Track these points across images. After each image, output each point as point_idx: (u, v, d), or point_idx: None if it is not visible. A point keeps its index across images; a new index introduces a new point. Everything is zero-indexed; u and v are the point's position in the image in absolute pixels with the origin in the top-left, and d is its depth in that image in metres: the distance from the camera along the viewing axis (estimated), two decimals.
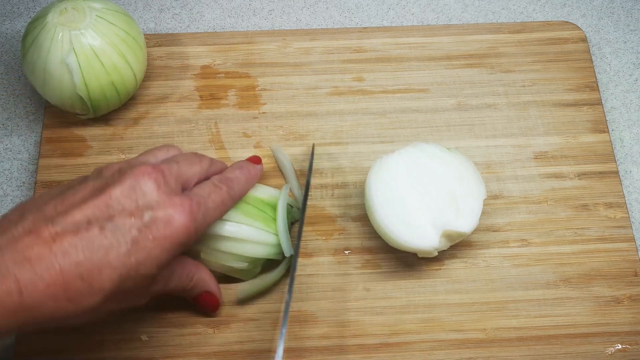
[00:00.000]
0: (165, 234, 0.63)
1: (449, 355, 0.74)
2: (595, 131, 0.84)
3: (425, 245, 0.72)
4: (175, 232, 0.63)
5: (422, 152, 0.76)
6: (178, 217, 0.63)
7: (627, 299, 0.76)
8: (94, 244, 0.60)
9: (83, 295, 0.59)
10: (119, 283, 0.61)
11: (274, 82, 0.87)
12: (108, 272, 0.60)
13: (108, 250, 0.60)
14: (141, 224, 0.62)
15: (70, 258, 0.59)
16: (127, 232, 0.61)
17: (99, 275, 0.60)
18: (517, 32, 0.90)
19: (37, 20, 0.79)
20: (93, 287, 0.60)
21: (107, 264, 0.60)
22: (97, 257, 0.60)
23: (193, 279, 0.71)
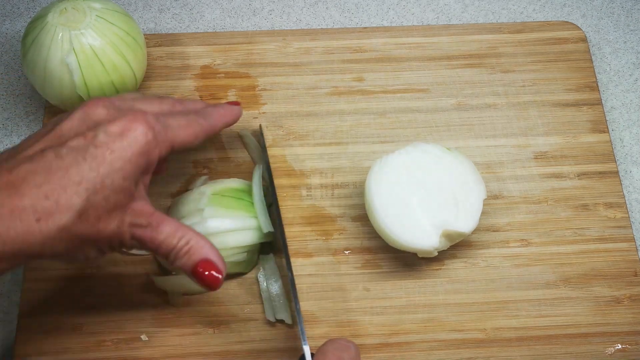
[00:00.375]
0: (123, 145, 0.63)
1: (449, 355, 0.74)
2: (595, 131, 0.84)
3: (425, 245, 0.73)
4: (133, 141, 0.64)
5: (422, 152, 0.76)
6: (133, 126, 0.64)
7: (627, 299, 0.76)
8: (51, 166, 0.61)
9: (51, 214, 0.60)
10: (86, 197, 0.61)
11: (274, 82, 0.87)
12: (73, 188, 0.61)
13: (67, 170, 0.61)
14: (97, 141, 0.63)
15: (29, 182, 0.60)
16: (83, 150, 0.62)
17: (64, 192, 0.61)
18: (517, 32, 0.90)
19: (37, 20, 0.79)
20: (60, 204, 0.61)
21: (68, 181, 0.61)
22: (57, 177, 0.61)
23: (189, 242, 0.66)
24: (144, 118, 0.65)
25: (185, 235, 0.66)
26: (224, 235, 0.73)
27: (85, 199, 0.61)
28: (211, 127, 0.72)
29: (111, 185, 0.62)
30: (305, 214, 0.80)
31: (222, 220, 0.74)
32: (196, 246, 0.66)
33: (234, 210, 0.74)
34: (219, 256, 0.67)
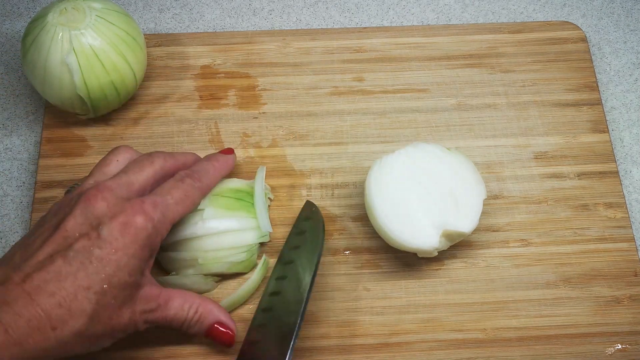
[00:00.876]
0: (125, 242, 0.65)
1: (449, 355, 0.74)
2: (595, 131, 0.84)
3: (425, 245, 0.72)
4: (134, 237, 0.65)
5: (422, 152, 0.76)
6: (133, 221, 0.65)
7: (627, 299, 0.76)
8: (61, 273, 0.63)
9: (65, 321, 0.62)
10: (97, 300, 0.63)
11: (274, 82, 0.87)
12: (83, 294, 0.63)
13: (76, 275, 0.63)
14: (100, 241, 0.64)
15: (42, 291, 0.62)
16: (88, 252, 0.64)
17: (75, 299, 0.62)
18: (517, 32, 0.90)
19: (37, 20, 0.79)
20: (72, 311, 0.62)
21: (78, 287, 0.62)
22: (68, 284, 0.62)
23: (198, 310, 0.70)
24: (142, 210, 0.66)
25: (192, 304, 0.70)
26: (224, 235, 0.73)
27: (95, 303, 0.63)
28: (208, 188, 0.74)
29: (118, 284, 0.64)
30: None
31: (221, 220, 0.74)
32: (205, 312, 0.70)
33: (233, 210, 0.74)
34: (227, 315, 0.72)
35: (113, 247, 0.64)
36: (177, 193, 0.70)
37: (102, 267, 0.63)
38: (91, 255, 0.63)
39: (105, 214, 0.65)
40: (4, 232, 0.81)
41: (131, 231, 0.65)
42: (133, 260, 0.65)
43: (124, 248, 0.64)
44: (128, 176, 0.69)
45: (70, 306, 0.62)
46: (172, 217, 0.69)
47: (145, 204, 0.66)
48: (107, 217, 0.65)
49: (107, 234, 0.64)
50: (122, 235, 0.64)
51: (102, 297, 0.63)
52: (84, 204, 0.65)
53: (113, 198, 0.66)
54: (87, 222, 0.65)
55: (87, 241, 0.64)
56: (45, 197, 0.80)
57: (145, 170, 0.70)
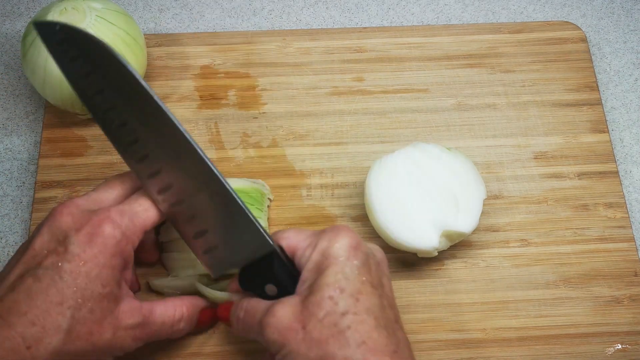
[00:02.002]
0: (94, 252, 0.63)
1: (449, 355, 0.74)
2: (595, 131, 0.84)
3: (425, 245, 0.73)
4: (103, 246, 0.63)
5: (422, 152, 0.76)
6: (99, 231, 0.64)
7: (627, 299, 0.76)
8: (31, 291, 0.61)
9: (40, 339, 0.61)
10: (71, 315, 0.62)
11: (274, 82, 0.87)
12: (56, 310, 0.61)
13: (47, 291, 0.61)
14: (68, 255, 0.63)
15: (14, 312, 0.61)
16: (57, 267, 0.62)
17: (48, 315, 0.61)
18: (517, 32, 0.90)
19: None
20: (47, 328, 0.61)
21: (50, 303, 0.61)
22: (39, 301, 0.61)
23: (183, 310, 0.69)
24: (108, 218, 0.64)
25: (175, 305, 0.69)
26: None
27: (70, 317, 0.61)
28: None
29: (92, 296, 0.63)
30: (305, 214, 0.80)
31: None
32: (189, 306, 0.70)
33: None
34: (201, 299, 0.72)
35: (82, 258, 0.62)
36: (145, 201, 0.68)
37: (73, 280, 0.62)
38: (60, 270, 0.62)
39: (71, 227, 0.64)
40: (4, 232, 0.81)
41: (98, 240, 0.63)
42: (105, 270, 0.63)
43: (93, 258, 0.63)
44: (97, 193, 0.68)
45: (43, 323, 0.61)
46: (142, 223, 0.67)
47: (111, 212, 0.65)
48: (73, 230, 0.63)
49: (74, 247, 0.63)
50: (89, 245, 0.63)
51: (77, 312, 0.62)
52: (50, 221, 0.64)
53: (78, 211, 0.65)
54: (54, 238, 0.64)
55: (56, 257, 0.63)
56: (45, 197, 0.80)
57: (116, 189, 0.69)
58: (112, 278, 0.64)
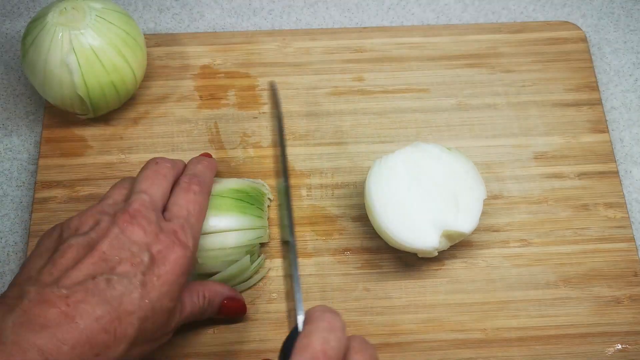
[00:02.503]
0: (167, 270, 0.64)
1: (449, 355, 0.74)
2: (595, 131, 0.84)
3: (425, 245, 0.72)
4: (175, 265, 0.65)
5: (422, 152, 0.76)
6: (173, 252, 0.65)
7: (627, 299, 0.76)
8: (106, 296, 0.61)
9: (109, 347, 0.60)
10: (139, 326, 0.62)
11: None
12: (128, 319, 0.61)
13: (121, 299, 0.61)
14: (143, 268, 0.63)
15: (89, 316, 0.60)
16: (133, 278, 0.62)
17: (120, 324, 0.61)
18: (517, 32, 0.90)
19: (37, 20, 0.79)
20: (117, 337, 0.61)
21: (124, 311, 0.61)
22: (114, 308, 0.61)
23: (205, 295, 0.71)
24: (179, 241, 0.66)
25: (198, 293, 0.71)
26: (224, 234, 0.73)
27: (137, 328, 0.62)
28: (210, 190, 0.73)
29: (160, 310, 0.64)
30: (305, 214, 0.80)
31: (221, 219, 0.73)
32: (211, 294, 0.71)
33: (233, 210, 0.74)
34: (230, 288, 0.73)
35: (155, 274, 0.63)
36: (195, 208, 0.69)
37: (147, 293, 0.62)
38: (135, 280, 0.62)
39: (144, 241, 0.64)
40: (3, 232, 0.81)
41: (171, 260, 0.65)
42: (174, 287, 0.65)
43: (166, 275, 0.64)
44: (149, 196, 0.68)
45: (115, 332, 0.60)
46: (198, 234, 0.69)
47: (178, 234, 0.66)
48: (146, 244, 0.64)
49: (149, 262, 0.64)
50: (164, 263, 0.64)
51: (144, 323, 0.62)
52: (120, 228, 0.64)
53: (147, 224, 0.65)
54: (126, 247, 0.64)
55: (130, 267, 0.63)
56: (45, 197, 0.80)
57: (162, 186, 0.69)
58: (178, 294, 0.66)
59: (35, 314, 0.58)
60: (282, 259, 0.76)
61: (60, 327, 0.58)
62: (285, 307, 0.75)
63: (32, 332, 0.57)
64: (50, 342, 0.57)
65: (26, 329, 0.57)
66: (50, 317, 0.58)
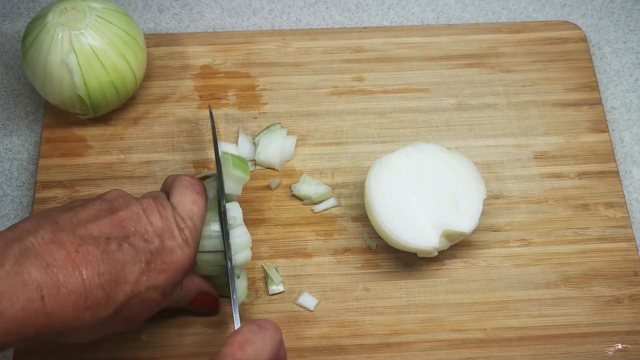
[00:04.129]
0: (171, 260, 0.65)
1: (449, 355, 0.73)
2: (595, 131, 0.84)
3: (425, 245, 0.73)
4: (178, 263, 0.66)
5: (422, 152, 0.76)
6: (179, 250, 0.66)
7: (627, 299, 0.76)
8: (113, 258, 0.62)
9: (100, 305, 0.61)
10: (129, 298, 0.63)
11: (274, 82, 0.87)
12: (123, 286, 0.62)
13: (125, 266, 0.62)
14: (153, 248, 0.65)
15: (93, 269, 0.60)
16: (142, 252, 0.64)
17: (116, 287, 0.62)
18: (517, 31, 0.90)
19: (37, 20, 0.79)
20: (109, 298, 0.61)
21: (123, 278, 0.62)
22: (116, 271, 0.62)
23: (183, 285, 0.70)
24: (186, 239, 0.67)
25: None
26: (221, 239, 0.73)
27: (127, 298, 0.63)
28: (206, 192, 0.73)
29: (149, 296, 0.65)
30: (305, 214, 0.80)
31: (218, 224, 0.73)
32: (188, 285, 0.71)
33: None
34: (207, 283, 0.73)
35: (160, 260, 0.65)
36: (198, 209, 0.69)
37: (147, 271, 0.64)
38: (142, 256, 0.64)
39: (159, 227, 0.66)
40: None
41: (177, 256, 0.66)
42: (169, 282, 0.66)
43: (168, 265, 0.65)
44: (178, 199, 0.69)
45: (109, 292, 0.61)
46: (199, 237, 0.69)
47: (187, 233, 0.67)
48: (161, 230, 0.66)
49: (159, 247, 0.65)
50: (170, 255, 0.65)
51: (133, 298, 0.63)
52: (142, 206, 0.66)
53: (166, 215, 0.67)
54: (143, 223, 0.65)
55: (142, 241, 0.64)
56: (45, 197, 0.80)
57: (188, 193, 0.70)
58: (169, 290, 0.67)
59: (44, 250, 0.59)
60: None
61: (65, 270, 0.59)
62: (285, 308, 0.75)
63: (36, 266, 0.58)
64: (51, 282, 0.58)
65: (32, 262, 0.58)
66: (58, 257, 0.59)
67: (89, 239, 0.62)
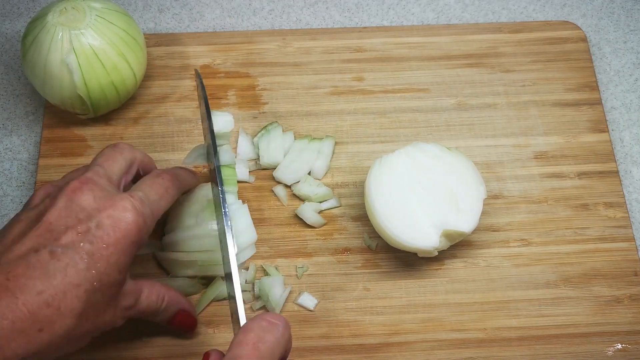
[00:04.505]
0: (117, 237, 0.62)
1: (449, 355, 0.73)
2: (595, 131, 0.84)
3: (425, 244, 0.73)
4: (126, 232, 0.62)
5: (422, 152, 0.76)
6: (124, 217, 0.62)
7: (627, 299, 0.76)
8: (48, 269, 0.59)
9: (54, 322, 0.59)
10: (87, 298, 0.60)
11: (274, 81, 0.87)
12: (73, 292, 0.59)
13: (65, 271, 0.59)
14: (90, 236, 0.61)
15: (29, 289, 0.58)
16: (79, 247, 0.60)
17: (65, 297, 0.59)
18: (517, 31, 0.90)
19: (37, 20, 0.79)
20: (61, 310, 0.59)
21: (69, 284, 0.59)
22: (57, 281, 0.59)
23: (164, 299, 0.69)
24: (132, 205, 0.63)
25: (159, 294, 0.69)
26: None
27: (85, 301, 0.60)
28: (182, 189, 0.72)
29: (109, 282, 0.62)
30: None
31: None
32: (171, 300, 0.69)
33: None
34: (189, 302, 0.72)
35: (104, 242, 0.61)
36: (159, 189, 0.67)
37: (94, 263, 0.60)
38: (81, 251, 0.60)
39: (94, 207, 0.62)
40: None
41: (122, 226, 0.62)
42: (123, 258, 0.62)
43: (115, 244, 0.62)
44: (104, 168, 0.66)
45: (59, 305, 0.59)
46: (157, 213, 0.66)
47: (134, 199, 0.63)
48: (95, 210, 0.62)
49: (97, 229, 0.61)
50: (113, 230, 0.62)
51: (92, 295, 0.60)
52: (68, 196, 0.62)
53: (99, 191, 0.63)
54: (73, 214, 0.61)
55: (76, 235, 0.61)
56: None
57: (118, 162, 0.68)
58: (127, 265, 0.63)
59: None
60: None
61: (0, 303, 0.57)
62: (285, 308, 0.75)
63: None
64: None
65: None
66: None
67: (18, 261, 0.59)
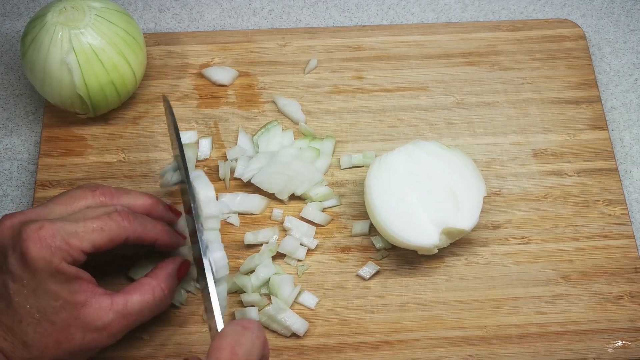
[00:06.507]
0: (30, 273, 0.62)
1: (450, 352, 0.73)
2: (594, 128, 0.84)
3: (425, 242, 0.73)
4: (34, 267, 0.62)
5: (422, 150, 0.76)
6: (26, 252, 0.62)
7: (627, 296, 0.76)
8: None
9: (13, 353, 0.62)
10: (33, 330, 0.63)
11: (274, 80, 0.87)
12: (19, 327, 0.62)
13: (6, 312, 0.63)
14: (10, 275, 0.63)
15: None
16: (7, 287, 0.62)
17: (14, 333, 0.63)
18: (516, 29, 0.90)
19: (36, 20, 0.79)
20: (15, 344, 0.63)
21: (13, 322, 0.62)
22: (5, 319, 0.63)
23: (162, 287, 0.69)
24: (37, 238, 0.62)
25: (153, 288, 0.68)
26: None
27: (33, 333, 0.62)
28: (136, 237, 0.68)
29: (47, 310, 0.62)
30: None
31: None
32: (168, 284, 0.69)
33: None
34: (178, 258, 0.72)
35: (22, 278, 0.62)
36: (93, 223, 0.65)
37: (24, 299, 0.62)
38: (9, 289, 0.62)
39: (9, 243, 0.63)
40: None
41: (28, 262, 0.62)
42: (50, 286, 0.62)
43: (32, 279, 0.62)
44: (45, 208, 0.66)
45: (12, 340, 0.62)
46: (79, 245, 0.64)
47: (42, 230, 0.62)
48: (10, 247, 0.63)
49: (12, 267, 0.62)
50: (22, 267, 0.62)
51: (38, 326, 0.62)
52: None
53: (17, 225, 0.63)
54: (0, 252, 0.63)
55: (2, 274, 0.63)
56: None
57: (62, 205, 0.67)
58: (62, 290, 0.63)
59: None
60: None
61: None
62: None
63: None
64: None
65: None
66: None
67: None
